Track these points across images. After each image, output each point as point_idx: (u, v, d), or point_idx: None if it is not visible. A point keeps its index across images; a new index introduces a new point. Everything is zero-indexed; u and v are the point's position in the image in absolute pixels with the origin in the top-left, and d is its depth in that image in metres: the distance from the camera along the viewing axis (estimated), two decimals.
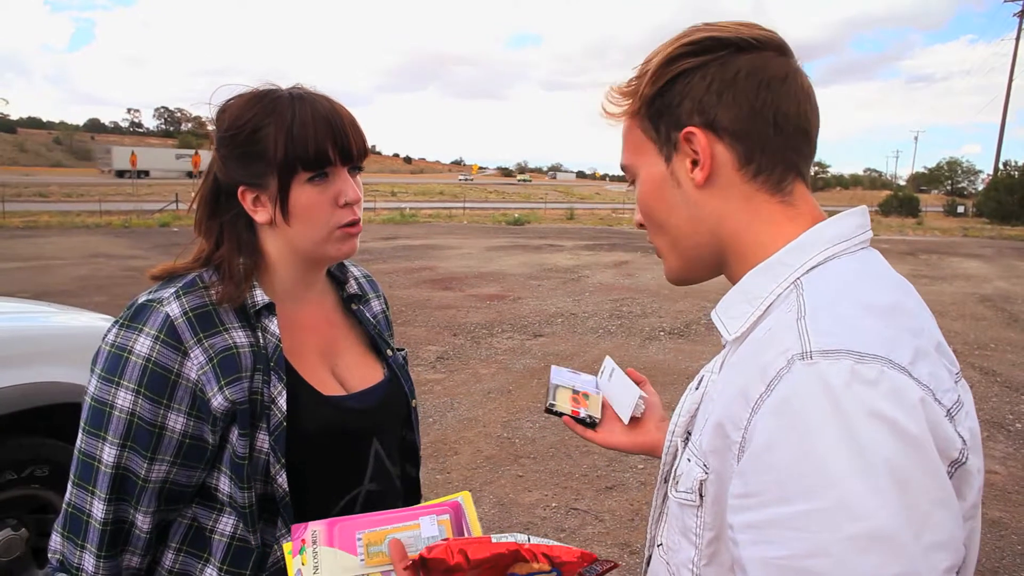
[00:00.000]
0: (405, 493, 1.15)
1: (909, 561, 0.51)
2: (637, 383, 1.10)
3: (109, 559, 0.92)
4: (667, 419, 1.08)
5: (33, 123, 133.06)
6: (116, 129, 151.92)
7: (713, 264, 0.76)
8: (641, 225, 0.80)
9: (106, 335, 0.93)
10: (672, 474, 0.73)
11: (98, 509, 0.91)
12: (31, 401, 2.46)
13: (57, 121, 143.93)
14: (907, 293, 0.67)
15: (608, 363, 1.15)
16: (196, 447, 0.92)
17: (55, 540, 0.94)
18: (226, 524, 0.96)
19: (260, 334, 0.96)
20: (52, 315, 3.21)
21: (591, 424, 1.09)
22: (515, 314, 8.50)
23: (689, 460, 0.68)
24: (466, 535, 0.85)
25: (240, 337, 0.94)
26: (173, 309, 0.91)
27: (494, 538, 0.74)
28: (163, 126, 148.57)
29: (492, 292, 10.05)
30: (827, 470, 0.53)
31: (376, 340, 1.14)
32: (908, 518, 0.51)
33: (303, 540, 0.81)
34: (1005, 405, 5.56)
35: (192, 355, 0.90)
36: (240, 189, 0.97)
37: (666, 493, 0.76)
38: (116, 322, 0.93)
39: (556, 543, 0.76)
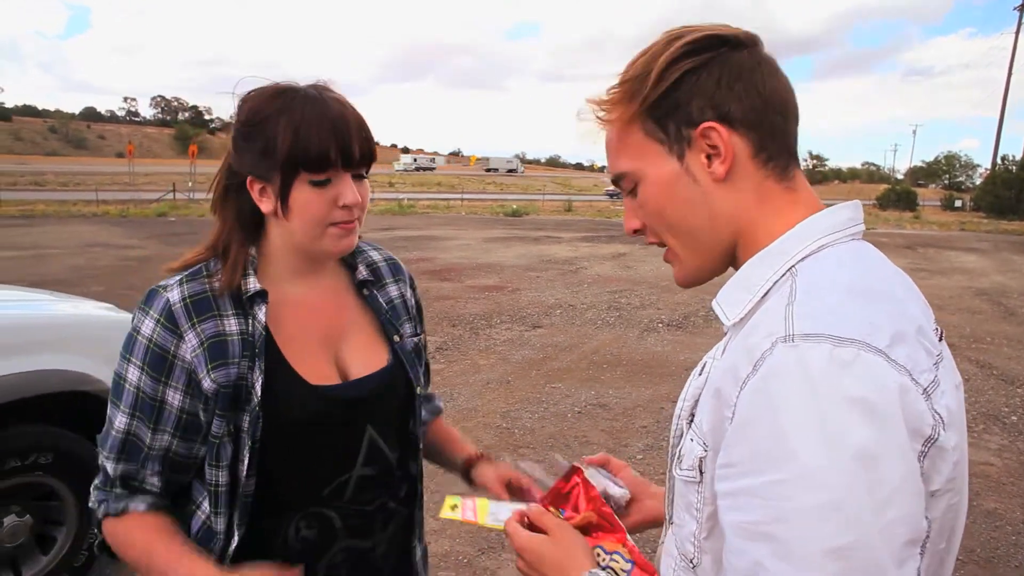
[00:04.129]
0: (403, 479, 1.17)
1: (866, 532, 0.55)
2: (602, 464, 1.06)
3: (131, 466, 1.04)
4: (658, 489, 1.05)
5: (28, 111, 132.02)
6: (112, 118, 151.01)
7: (728, 257, 0.78)
8: (636, 231, 0.81)
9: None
10: (677, 454, 0.77)
11: (110, 467, 1.03)
12: (34, 389, 2.47)
13: (52, 109, 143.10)
14: (894, 280, 0.70)
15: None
16: (192, 423, 1.01)
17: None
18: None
19: (250, 321, 1.01)
20: (52, 303, 3.21)
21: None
22: (513, 305, 8.51)
23: (692, 440, 0.72)
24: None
25: (232, 324, 1.01)
26: (173, 295, 1.00)
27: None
28: (160, 115, 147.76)
29: (490, 283, 10.06)
30: (795, 445, 0.57)
31: (386, 326, 1.15)
32: (870, 494, 0.55)
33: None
34: (1000, 398, 5.60)
35: (186, 338, 0.98)
36: (249, 179, 1.01)
37: (674, 475, 0.78)
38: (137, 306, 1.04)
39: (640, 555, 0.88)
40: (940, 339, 0.71)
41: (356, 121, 1.01)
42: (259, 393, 0.99)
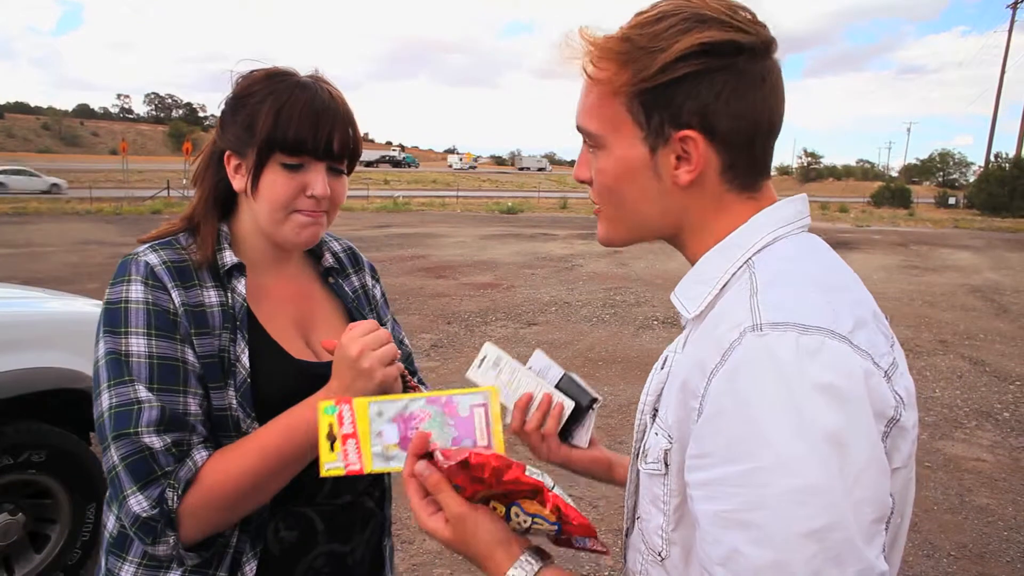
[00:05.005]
0: (377, 476, 1.15)
1: (840, 513, 0.57)
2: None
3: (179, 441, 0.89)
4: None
5: (20, 108, 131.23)
6: (106, 115, 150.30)
7: (661, 239, 0.79)
8: (583, 181, 0.80)
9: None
10: (641, 449, 0.77)
11: (155, 440, 0.87)
12: (27, 387, 2.46)
13: (45, 106, 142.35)
14: (843, 268, 0.72)
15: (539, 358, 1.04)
16: (204, 381, 0.94)
17: (118, 511, 0.89)
18: None
19: (229, 294, 1.00)
20: (46, 301, 3.20)
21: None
22: (509, 302, 8.51)
23: (657, 434, 0.72)
24: (481, 434, 0.85)
25: (212, 296, 0.98)
26: (151, 258, 0.96)
27: (527, 470, 0.76)
28: (153, 112, 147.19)
29: (486, 280, 10.05)
30: (769, 433, 0.58)
31: (353, 314, 1.15)
32: (841, 476, 0.57)
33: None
34: (993, 394, 5.63)
35: (173, 296, 0.94)
36: (227, 153, 1.01)
37: (638, 469, 0.79)
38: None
39: (571, 504, 0.79)
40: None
41: (343, 115, 1.00)
42: (247, 366, 0.96)
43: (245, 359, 0.97)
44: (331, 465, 0.84)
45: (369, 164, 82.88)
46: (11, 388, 2.42)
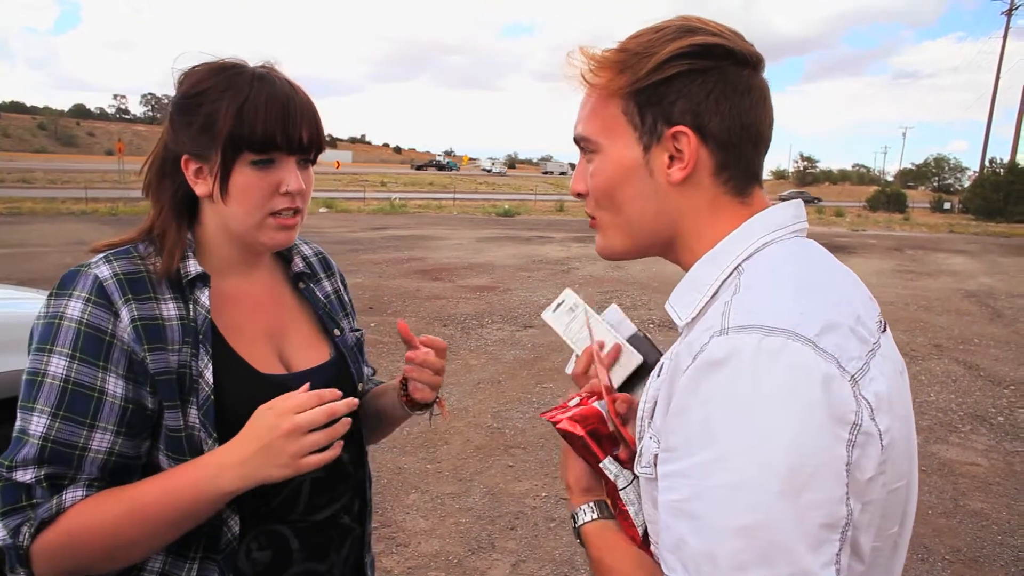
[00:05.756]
0: (355, 476, 1.11)
1: (776, 513, 0.57)
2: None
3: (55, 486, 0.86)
4: None
5: (16, 107, 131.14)
6: (102, 115, 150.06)
7: (659, 249, 0.80)
8: (579, 194, 0.82)
9: (39, 312, 0.89)
10: (639, 451, 0.78)
11: (26, 475, 0.84)
12: (18, 389, 2.45)
13: (41, 106, 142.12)
14: (835, 273, 0.73)
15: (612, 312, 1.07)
16: (138, 414, 0.88)
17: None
18: (155, 560, 0.92)
19: (191, 306, 0.94)
20: (40, 302, 3.19)
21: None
22: (505, 305, 8.50)
23: (651, 438, 0.73)
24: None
25: (170, 309, 0.92)
26: (102, 271, 0.90)
27: (604, 465, 0.87)
28: (150, 113, 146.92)
29: (482, 283, 10.05)
30: (719, 429, 0.60)
31: (325, 320, 1.11)
32: (787, 478, 0.57)
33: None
34: (988, 399, 5.64)
35: (121, 315, 0.88)
36: (184, 158, 0.95)
37: (635, 473, 0.80)
38: (47, 296, 0.90)
39: (632, 514, 0.84)
40: (884, 330, 0.73)
41: (305, 104, 0.96)
42: (210, 382, 0.91)
43: (208, 375, 0.91)
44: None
45: (420, 168, 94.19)
46: (8, 389, 2.40)
